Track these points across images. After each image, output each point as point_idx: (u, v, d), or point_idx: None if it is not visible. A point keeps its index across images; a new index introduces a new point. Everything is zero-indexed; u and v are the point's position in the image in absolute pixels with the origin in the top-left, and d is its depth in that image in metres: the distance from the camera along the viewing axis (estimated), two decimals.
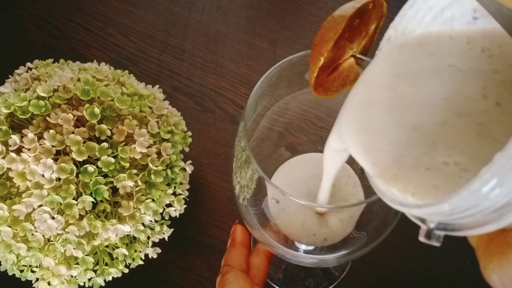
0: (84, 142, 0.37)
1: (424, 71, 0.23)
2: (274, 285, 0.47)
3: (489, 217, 0.16)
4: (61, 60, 0.45)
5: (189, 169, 0.43)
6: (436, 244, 0.18)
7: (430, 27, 0.24)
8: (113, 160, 0.37)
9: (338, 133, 0.25)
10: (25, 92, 0.38)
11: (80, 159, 0.36)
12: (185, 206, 0.42)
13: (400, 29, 0.24)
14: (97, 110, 0.37)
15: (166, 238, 0.42)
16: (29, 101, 0.37)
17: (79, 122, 0.38)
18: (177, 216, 0.41)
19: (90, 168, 0.36)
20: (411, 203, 0.19)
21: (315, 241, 0.33)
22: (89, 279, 0.39)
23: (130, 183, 0.37)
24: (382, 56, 0.25)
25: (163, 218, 0.41)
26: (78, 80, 0.40)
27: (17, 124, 0.38)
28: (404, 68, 0.24)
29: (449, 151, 0.20)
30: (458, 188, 0.15)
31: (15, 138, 0.36)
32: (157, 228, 0.40)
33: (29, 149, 0.36)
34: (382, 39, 0.25)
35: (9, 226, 0.36)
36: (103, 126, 0.37)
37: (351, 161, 0.31)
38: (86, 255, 0.38)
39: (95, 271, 0.39)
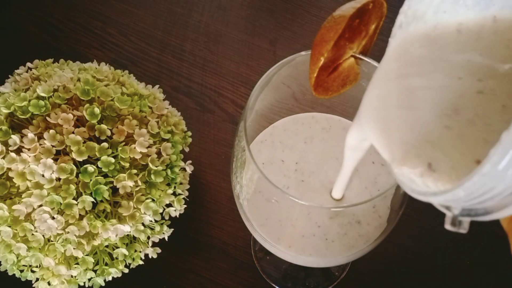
0: (84, 142, 0.37)
1: (439, 59, 0.23)
2: (274, 285, 0.47)
3: (509, 199, 0.16)
4: (61, 60, 0.45)
5: (189, 169, 0.43)
6: (463, 231, 0.18)
7: (442, 6, 0.23)
8: (113, 160, 0.37)
9: (359, 124, 0.25)
10: (25, 92, 0.38)
11: (80, 159, 0.36)
12: (185, 206, 0.42)
13: (410, 13, 0.24)
14: (97, 110, 0.37)
15: (166, 238, 0.42)
16: (29, 101, 0.37)
17: (79, 122, 0.38)
18: (177, 216, 0.41)
19: (90, 168, 0.36)
20: (429, 191, 0.19)
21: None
22: (89, 279, 0.39)
23: (130, 183, 0.37)
24: (396, 43, 0.25)
25: (163, 218, 0.41)
26: (78, 80, 0.40)
27: (17, 124, 0.38)
28: (417, 57, 0.24)
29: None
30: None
31: (15, 138, 0.36)
32: (157, 228, 0.40)
33: (29, 149, 0.36)
34: (393, 27, 0.25)
35: (9, 226, 0.36)
36: (103, 126, 0.37)
37: None
38: (86, 255, 0.38)
39: (95, 271, 0.39)
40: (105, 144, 0.37)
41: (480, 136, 0.20)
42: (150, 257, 0.41)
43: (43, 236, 0.36)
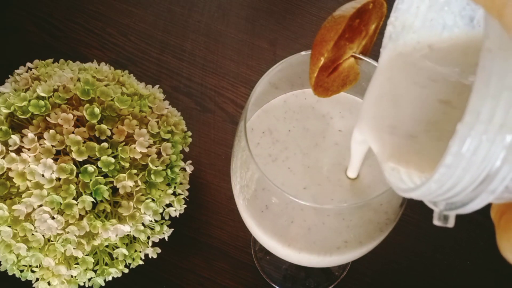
0: (84, 142, 0.37)
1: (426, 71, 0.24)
2: (274, 285, 0.47)
3: (479, 189, 0.16)
4: (61, 60, 0.45)
5: (189, 169, 0.43)
6: (449, 225, 0.19)
7: (428, 15, 0.24)
8: (113, 160, 0.37)
9: (359, 124, 0.27)
10: (25, 92, 0.38)
11: (80, 159, 0.36)
12: (185, 206, 0.42)
13: (398, 24, 0.25)
14: (97, 110, 0.37)
15: (166, 238, 0.42)
16: (29, 101, 0.37)
17: (79, 122, 0.38)
18: (177, 216, 0.41)
19: (90, 168, 0.36)
20: (410, 187, 0.20)
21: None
22: (89, 279, 0.39)
23: (130, 183, 0.37)
24: (387, 53, 0.26)
25: (163, 218, 0.41)
26: (78, 80, 0.40)
27: (17, 124, 0.38)
28: (406, 67, 0.25)
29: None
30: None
31: (15, 138, 0.36)
32: (157, 228, 0.40)
33: (29, 149, 0.36)
34: (383, 38, 0.26)
35: (9, 226, 0.36)
36: (103, 126, 0.37)
37: None
38: (86, 255, 0.38)
39: (95, 271, 0.39)
40: (105, 144, 0.37)
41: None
42: (150, 257, 0.41)
43: (43, 236, 0.36)
